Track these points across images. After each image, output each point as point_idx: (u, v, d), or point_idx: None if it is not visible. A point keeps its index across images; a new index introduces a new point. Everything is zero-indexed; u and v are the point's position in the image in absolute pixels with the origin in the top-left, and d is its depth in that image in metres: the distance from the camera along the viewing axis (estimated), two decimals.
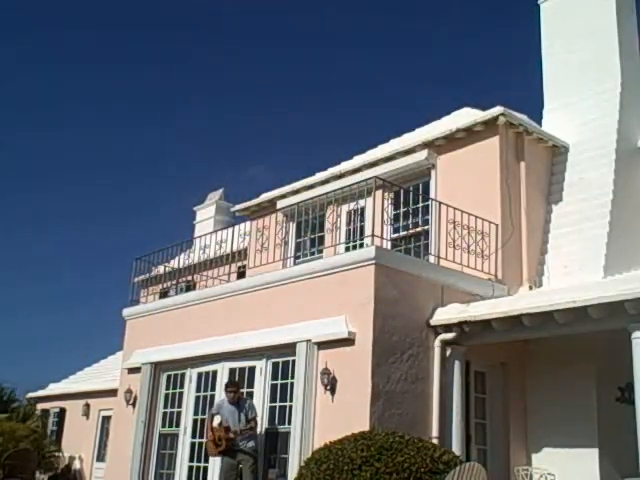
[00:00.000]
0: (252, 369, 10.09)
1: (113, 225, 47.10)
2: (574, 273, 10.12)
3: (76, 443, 18.20)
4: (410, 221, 11.63)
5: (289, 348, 9.40)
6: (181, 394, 11.27)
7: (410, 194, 11.39)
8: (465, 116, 11.98)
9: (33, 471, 13.29)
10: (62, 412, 19.42)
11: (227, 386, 9.63)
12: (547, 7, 13.06)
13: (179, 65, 45.19)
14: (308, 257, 12.39)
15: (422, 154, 11.53)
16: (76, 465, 18.06)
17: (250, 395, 9.99)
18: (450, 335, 9.07)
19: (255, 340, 9.92)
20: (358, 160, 13.08)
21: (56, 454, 17.68)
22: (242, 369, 10.26)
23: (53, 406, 19.97)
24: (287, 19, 44.21)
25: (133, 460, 11.48)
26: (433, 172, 11.52)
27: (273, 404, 9.69)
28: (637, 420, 7.61)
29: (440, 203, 10.51)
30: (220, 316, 10.75)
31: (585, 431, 9.51)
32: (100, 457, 17.47)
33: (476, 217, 10.22)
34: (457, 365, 9.20)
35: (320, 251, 12.38)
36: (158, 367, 11.75)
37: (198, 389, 10.97)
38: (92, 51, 43.63)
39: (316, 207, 11.40)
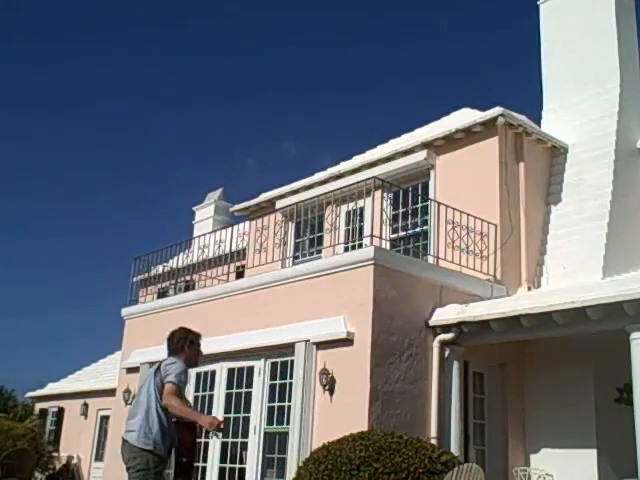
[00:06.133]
0: (250, 369, 10.08)
1: (112, 225, 47.12)
2: (573, 274, 10.12)
3: (74, 443, 18.19)
4: (409, 221, 11.62)
5: (288, 348, 9.39)
6: None
7: (409, 194, 11.38)
8: (464, 116, 11.98)
9: (31, 471, 13.29)
10: (60, 411, 19.41)
11: (198, 338, 6.18)
12: (547, 7, 13.05)
13: (179, 64, 45.20)
14: (307, 257, 12.38)
15: (421, 154, 11.53)
16: (74, 464, 18.04)
17: (248, 395, 9.98)
18: (449, 335, 9.07)
19: (254, 340, 9.91)
20: (357, 160, 13.08)
21: (54, 453, 17.68)
22: (241, 369, 10.25)
23: (52, 405, 19.97)
24: (287, 18, 44.23)
25: None
26: (432, 172, 11.52)
27: (272, 404, 9.68)
28: (635, 421, 7.62)
29: (439, 203, 10.51)
30: (219, 316, 10.74)
31: (583, 432, 9.51)
32: (98, 457, 17.46)
33: (475, 218, 10.22)
34: (456, 365, 9.20)
35: (319, 251, 12.37)
36: None
37: (197, 389, 10.96)
38: (92, 49, 43.63)
39: (315, 207, 11.39)
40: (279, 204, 13.48)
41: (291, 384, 9.30)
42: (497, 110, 10.72)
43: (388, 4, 41.90)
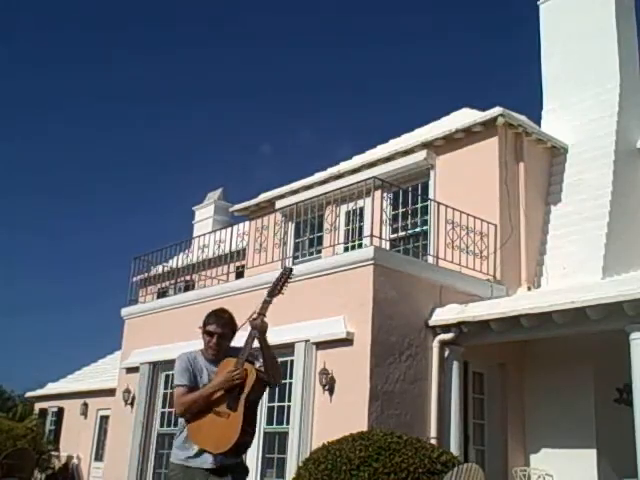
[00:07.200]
0: None
1: (112, 225, 47.13)
2: (573, 274, 10.11)
3: (74, 442, 18.16)
4: (409, 221, 11.62)
5: (287, 348, 9.37)
6: None
7: (409, 194, 11.38)
8: (464, 116, 11.98)
9: (31, 470, 13.30)
10: (60, 411, 19.39)
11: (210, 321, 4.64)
12: (547, 8, 13.05)
13: (179, 64, 45.19)
14: (307, 257, 12.37)
15: (421, 154, 11.52)
16: (74, 464, 18.03)
17: None
18: (448, 335, 9.07)
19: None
20: (357, 160, 13.08)
21: (54, 453, 17.66)
22: None
23: (51, 405, 19.94)
24: (286, 19, 44.25)
25: (131, 460, 11.46)
26: (432, 172, 11.51)
27: (271, 404, 9.67)
28: (635, 421, 7.61)
29: (439, 204, 10.51)
30: None
31: (583, 432, 9.50)
32: (98, 457, 17.44)
33: (475, 218, 10.21)
34: (455, 365, 9.20)
35: (319, 251, 12.36)
36: (156, 367, 11.73)
37: None
38: (92, 49, 43.62)
39: (315, 207, 11.38)
40: (279, 204, 13.47)
41: (291, 384, 9.30)
42: (497, 110, 10.72)
43: (388, 4, 41.92)
